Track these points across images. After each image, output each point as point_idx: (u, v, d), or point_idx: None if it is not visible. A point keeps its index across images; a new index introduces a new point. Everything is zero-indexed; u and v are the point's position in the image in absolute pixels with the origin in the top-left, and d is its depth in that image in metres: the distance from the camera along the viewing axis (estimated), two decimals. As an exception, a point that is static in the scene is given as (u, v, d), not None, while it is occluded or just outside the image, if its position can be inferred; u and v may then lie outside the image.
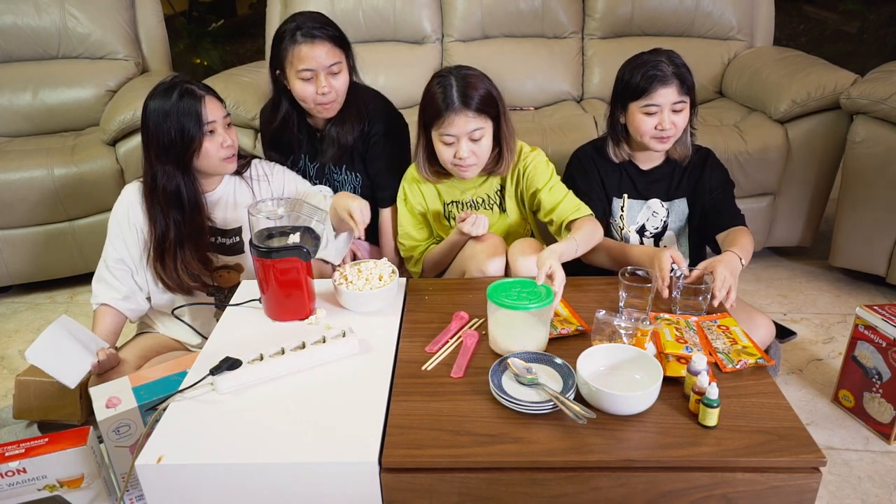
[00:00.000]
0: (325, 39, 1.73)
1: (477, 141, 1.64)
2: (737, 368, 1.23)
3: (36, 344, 1.45)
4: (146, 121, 1.57)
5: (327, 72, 1.74)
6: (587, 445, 1.08)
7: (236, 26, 4.89)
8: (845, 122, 2.32)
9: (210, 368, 1.22)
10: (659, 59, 1.68)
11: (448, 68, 1.69)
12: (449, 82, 1.62)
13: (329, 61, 1.74)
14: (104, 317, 1.67)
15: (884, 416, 1.71)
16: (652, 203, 1.82)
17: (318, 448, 1.08)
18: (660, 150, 1.75)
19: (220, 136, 1.60)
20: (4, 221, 2.43)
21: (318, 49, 1.72)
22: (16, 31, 2.78)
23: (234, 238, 1.74)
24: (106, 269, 1.68)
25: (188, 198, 1.61)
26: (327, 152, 1.90)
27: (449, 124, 1.62)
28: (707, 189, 1.79)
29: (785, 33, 4.07)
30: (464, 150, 1.63)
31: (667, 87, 1.66)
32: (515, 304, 1.25)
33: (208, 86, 1.62)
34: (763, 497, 1.06)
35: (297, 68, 1.73)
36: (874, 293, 2.40)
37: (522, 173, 1.77)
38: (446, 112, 1.61)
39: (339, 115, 1.86)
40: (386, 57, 2.88)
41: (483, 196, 1.80)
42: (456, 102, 1.60)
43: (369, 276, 1.48)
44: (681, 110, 1.69)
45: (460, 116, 1.60)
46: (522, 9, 2.87)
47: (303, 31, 1.72)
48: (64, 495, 1.27)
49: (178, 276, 1.66)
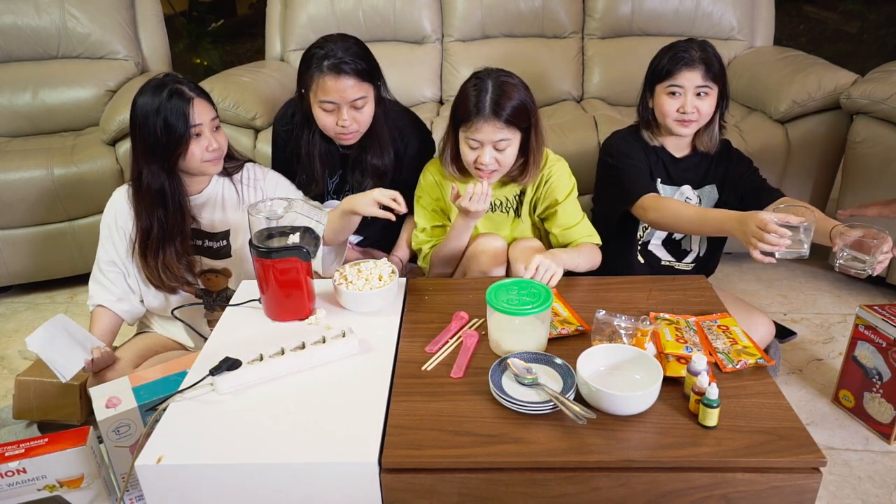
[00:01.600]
0: (351, 75, 1.66)
1: (502, 151, 1.61)
2: (737, 368, 1.23)
3: (36, 333, 1.46)
4: (134, 116, 1.57)
5: (350, 105, 1.69)
6: (587, 445, 1.08)
7: (236, 26, 4.89)
8: (845, 122, 2.32)
9: (210, 369, 1.22)
10: (690, 44, 1.72)
11: (488, 70, 1.64)
12: (485, 86, 1.58)
13: (353, 96, 1.68)
14: (100, 318, 1.67)
15: (884, 416, 1.71)
16: (684, 189, 1.85)
17: (317, 448, 1.08)
18: (683, 133, 1.76)
19: (206, 139, 1.58)
20: (4, 221, 2.43)
21: (343, 83, 1.66)
22: (16, 31, 2.78)
23: (220, 241, 1.73)
24: (100, 272, 1.69)
25: (172, 199, 1.61)
26: (364, 182, 1.83)
27: (476, 130, 1.58)
28: (738, 175, 1.82)
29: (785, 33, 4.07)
30: (486, 157, 1.60)
31: (692, 71, 1.68)
32: (513, 310, 1.24)
33: (199, 86, 1.61)
34: (763, 497, 1.06)
35: (319, 98, 1.69)
36: (874, 293, 2.40)
37: (544, 181, 1.75)
38: (475, 117, 1.57)
39: (369, 141, 1.81)
40: (386, 57, 2.83)
41: (501, 198, 1.78)
42: (486, 110, 1.56)
43: (369, 276, 1.48)
44: (706, 96, 1.70)
45: (489, 125, 1.57)
46: (522, 9, 2.87)
47: (329, 62, 1.65)
48: (64, 495, 1.27)
49: (159, 275, 1.65)
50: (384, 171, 1.84)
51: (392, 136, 1.84)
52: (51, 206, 2.43)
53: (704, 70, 1.69)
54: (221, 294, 1.76)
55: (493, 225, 1.79)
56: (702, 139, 1.80)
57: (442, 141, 1.76)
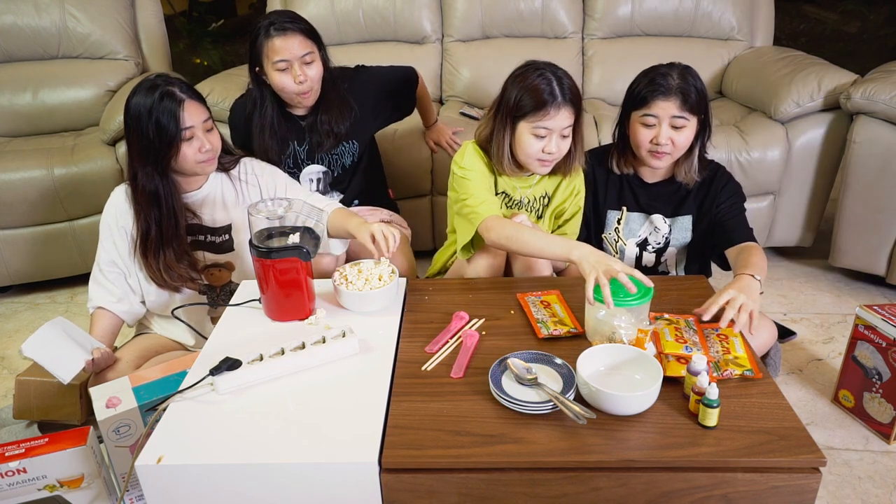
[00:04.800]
0: (296, 32, 1.83)
1: (565, 137, 1.63)
2: (722, 377, 1.22)
3: (32, 338, 1.46)
4: (127, 118, 1.57)
5: (301, 61, 1.84)
6: (587, 446, 1.08)
7: (236, 26, 4.89)
8: (845, 122, 2.32)
9: (210, 369, 1.22)
10: (669, 70, 1.63)
11: (536, 63, 1.64)
12: (551, 76, 1.59)
13: (302, 51, 1.84)
14: (100, 320, 1.67)
15: (884, 416, 1.71)
16: (654, 218, 1.79)
17: (318, 448, 1.08)
18: (655, 166, 1.70)
19: (198, 140, 1.58)
20: (4, 221, 2.43)
21: (291, 40, 1.82)
22: (16, 31, 2.77)
23: (223, 236, 1.74)
24: (100, 272, 1.69)
25: (165, 202, 1.62)
26: (324, 143, 1.99)
27: (549, 117, 1.58)
28: (714, 204, 1.73)
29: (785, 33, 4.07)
30: (554, 144, 1.61)
31: (667, 100, 1.61)
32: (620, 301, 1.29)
33: (191, 87, 1.61)
34: (763, 497, 1.06)
35: (272, 60, 1.84)
36: (874, 293, 2.40)
37: (574, 193, 1.79)
38: (550, 105, 1.57)
39: (324, 104, 1.96)
40: (386, 57, 2.86)
41: (531, 197, 1.78)
42: (559, 97, 1.57)
43: (369, 276, 1.48)
44: (681, 127, 1.62)
45: (562, 111, 1.58)
46: (522, 9, 2.87)
47: (276, 25, 1.83)
48: (64, 495, 1.27)
49: (161, 274, 1.66)
50: (339, 134, 2.00)
51: (345, 99, 1.99)
52: (51, 206, 2.43)
53: (681, 100, 1.60)
54: (225, 288, 1.77)
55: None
56: (680, 170, 1.72)
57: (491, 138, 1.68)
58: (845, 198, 2.29)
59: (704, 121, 1.67)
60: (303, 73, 1.85)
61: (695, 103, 1.62)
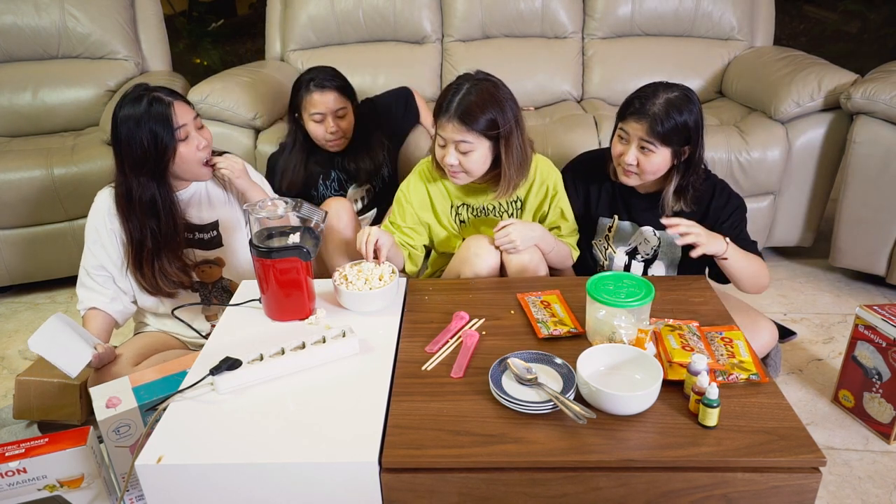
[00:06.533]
0: (332, 89, 2.09)
1: (465, 154, 1.62)
2: (728, 381, 1.21)
3: (37, 334, 1.46)
4: (117, 132, 1.56)
5: (334, 115, 2.09)
6: (587, 445, 1.08)
7: (236, 26, 4.89)
8: (845, 122, 2.32)
9: (210, 368, 1.22)
10: (659, 92, 1.59)
11: (473, 74, 1.65)
12: (459, 87, 1.60)
13: (336, 106, 2.09)
14: (94, 319, 1.68)
15: (884, 416, 1.71)
16: (644, 230, 1.78)
17: (318, 448, 1.08)
18: (623, 182, 1.69)
19: (194, 138, 1.60)
20: (4, 221, 2.43)
21: (328, 96, 2.08)
22: (16, 31, 2.78)
23: (211, 232, 1.75)
24: (87, 276, 1.69)
25: (163, 204, 1.62)
26: (361, 176, 2.21)
27: (441, 127, 1.63)
28: (715, 225, 1.66)
29: (785, 33, 4.07)
30: (450, 156, 1.62)
31: (638, 122, 1.58)
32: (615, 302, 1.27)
33: (172, 90, 1.62)
34: (763, 497, 1.06)
35: (309, 112, 2.09)
36: (874, 293, 2.40)
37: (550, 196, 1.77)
38: (441, 115, 1.62)
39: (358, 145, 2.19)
40: (386, 57, 2.88)
41: (494, 203, 1.78)
42: (450, 110, 1.59)
43: (369, 276, 1.48)
44: (649, 153, 1.59)
45: (451, 124, 1.60)
46: (522, 9, 2.87)
47: (315, 81, 2.08)
48: (64, 495, 1.27)
49: (156, 282, 1.67)
50: (379, 163, 2.23)
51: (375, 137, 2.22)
52: (51, 206, 2.43)
53: (649, 126, 1.56)
54: (217, 284, 1.78)
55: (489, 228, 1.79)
56: (665, 198, 1.67)
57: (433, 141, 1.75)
58: (845, 198, 2.29)
59: (690, 154, 1.61)
60: (336, 125, 2.09)
61: (666, 134, 1.56)
